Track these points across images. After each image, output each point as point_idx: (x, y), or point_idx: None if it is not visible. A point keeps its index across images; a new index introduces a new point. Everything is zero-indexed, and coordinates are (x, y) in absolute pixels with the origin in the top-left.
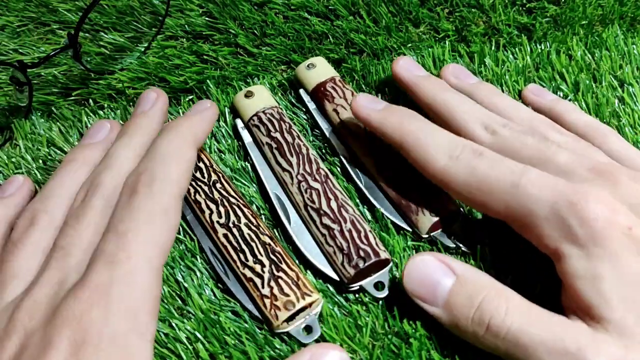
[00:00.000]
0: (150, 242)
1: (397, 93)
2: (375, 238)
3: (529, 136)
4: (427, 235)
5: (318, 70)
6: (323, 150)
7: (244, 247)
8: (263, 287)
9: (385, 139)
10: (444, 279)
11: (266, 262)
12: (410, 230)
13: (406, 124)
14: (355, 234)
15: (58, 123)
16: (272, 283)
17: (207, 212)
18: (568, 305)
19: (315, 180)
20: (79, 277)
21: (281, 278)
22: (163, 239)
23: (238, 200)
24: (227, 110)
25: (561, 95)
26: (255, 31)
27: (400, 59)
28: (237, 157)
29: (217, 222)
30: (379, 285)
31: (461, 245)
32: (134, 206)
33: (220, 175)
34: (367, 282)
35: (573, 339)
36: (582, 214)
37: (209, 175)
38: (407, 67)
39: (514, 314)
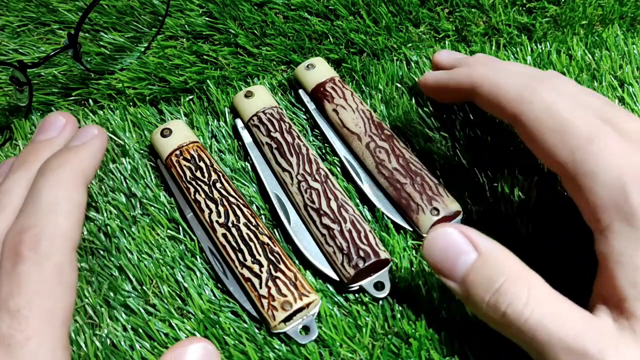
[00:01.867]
0: (48, 314)
1: (397, 93)
2: (375, 238)
3: (596, 97)
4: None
5: (317, 70)
6: (323, 150)
7: (242, 247)
8: (261, 287)
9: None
10: (466, 254)
11: (264, 262)
12: (411, 229)
13: (480, 69)
14: (355, 234)
15: None
16: (270, 283)
17: (206, 211)
18: (599, 292)
19: (315, 180)
20: None
21: (279, 278)
22: (62, 305)
23: (238, 200)
24: (227, 110)
25: None
26: (255, 31)
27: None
28: (237, 157)
29: (217, 221)
30: (379, 285)
31: None
32: (22, 275)
33: (221, 174)
34: (367, 282)
35: (595, 339)
36: None
37: (209, 175)
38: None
39: (533, 305)
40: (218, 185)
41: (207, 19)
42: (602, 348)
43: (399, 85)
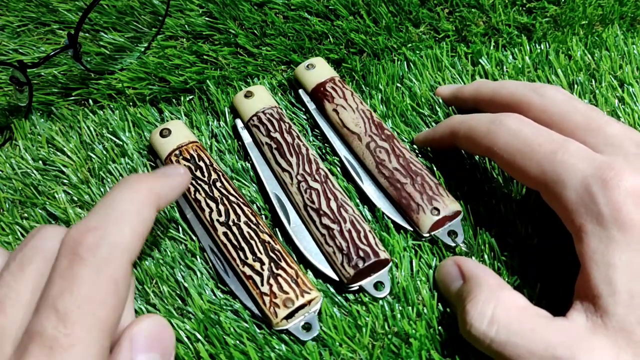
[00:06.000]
0: (96, 324)
1: (397, 93)
2: (375, 238)
3: (582, 103)
4: (427, 234)
5: (317, 70)
6: (323, 150)
7: (243, 245)
8: (262, 285)
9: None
10: (456, 281)
11: (265, 260)
12: (411, 229)
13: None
14: (354, 234)
15: (58, 123)
16: (272, 281)
17: (207, 210)
18: (579, 291)
19: (315, 180)
20: (13, 347)
21: (280, 276)
22: (110, 319)
23: (238, 199)
24: (227, 110)
25: None
26: (255, 31)
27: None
28: (237, 157)
29: (217, 220)
30: (378, 285)
31: (462, 244)
32: (76, 277)
33: (220, 174)
34: (367, 282)
35: (567, 344)
36: (611, 194)
37: (209, 174)
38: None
39: (498, 323)
40: (218, 184)
41: (207, 19)
42: (574, 351)
43: (399, 85)
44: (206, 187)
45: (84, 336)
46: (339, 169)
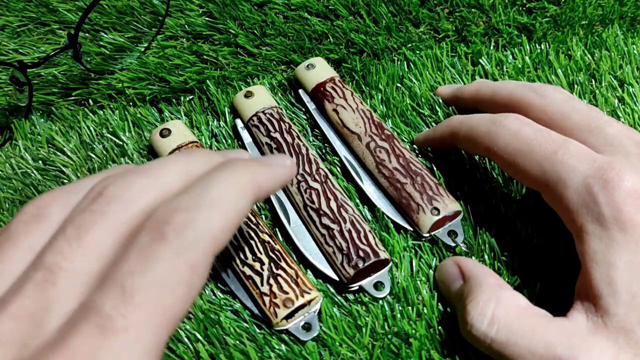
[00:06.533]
0: (159, 312)
1: (397, 93)
2: (374, 238)
3: (582, 103)
4: (427, 234)
5: (317, 70)
6: (323, 150)
7: (243, 245)
8: (262, 285)
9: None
10: (456, 281)
11: (265, 260)
12: (411, 229)
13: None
14: (354, 234)
15: (58, 123)
16: (272, 281)
17: None
18: (579, 291)
19: (315, 180)
20: (59, 322)
21: (280, 276)
22: (175, 310)
23: None
24: (227, 110)
25: None
26: (255, 31)
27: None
28: None
29: None
30: (378, 285)
31: (462, 244)
32: (153, 257)
33: None
34: (367, 282)
35: (567, 344)
36: (612, 194)
37: None
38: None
39: (498, 323)
40: None
41: (207, 19)
42: (574, 351)
43: (399, 85)
44: None
45: (141, 322)
46: (339, 169)
